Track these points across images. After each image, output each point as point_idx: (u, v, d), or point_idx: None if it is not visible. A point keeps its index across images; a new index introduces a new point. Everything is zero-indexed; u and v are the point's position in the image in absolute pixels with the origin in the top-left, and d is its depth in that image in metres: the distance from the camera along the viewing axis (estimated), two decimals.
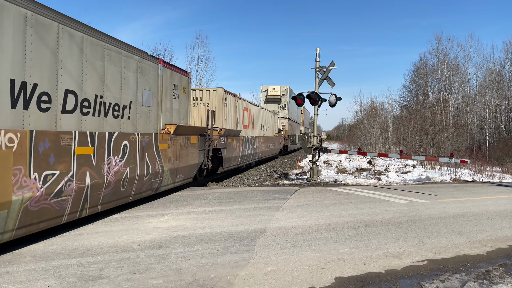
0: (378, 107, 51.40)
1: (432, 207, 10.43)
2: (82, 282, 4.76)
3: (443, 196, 12.41)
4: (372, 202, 11.10)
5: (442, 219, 8.86)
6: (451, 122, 40.23)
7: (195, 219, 8.30)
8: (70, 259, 5.58)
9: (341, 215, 9.04)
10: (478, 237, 7.36)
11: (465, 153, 30.56)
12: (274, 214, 9.00)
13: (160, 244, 6.40)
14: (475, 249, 6.61)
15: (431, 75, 50.28)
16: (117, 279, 4.89)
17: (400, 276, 5.25)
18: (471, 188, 14.99)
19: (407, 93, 57.16)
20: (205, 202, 10.32)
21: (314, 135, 16.64)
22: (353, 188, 14.25)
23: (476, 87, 48.57)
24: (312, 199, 11.31)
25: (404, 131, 36.68)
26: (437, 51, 49.09)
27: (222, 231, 7.30)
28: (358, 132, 49.69)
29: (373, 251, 6.28)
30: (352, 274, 5.27)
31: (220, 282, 4.86)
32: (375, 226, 8.02)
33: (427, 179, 18.35)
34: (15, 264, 5.35)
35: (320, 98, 16.22)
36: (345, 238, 7.06)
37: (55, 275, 4.97)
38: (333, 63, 16.36)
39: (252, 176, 20.10)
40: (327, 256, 5.97)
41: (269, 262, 5.64)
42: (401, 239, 7.09)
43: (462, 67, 48.26)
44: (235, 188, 13.65)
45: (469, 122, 44.98)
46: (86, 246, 6.22)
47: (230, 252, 6.04)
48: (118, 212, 8.78)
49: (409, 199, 11.64)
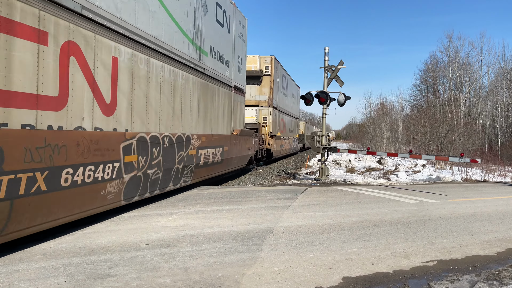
0: (387, 106, 51.05)
1: (442, 207, 10.33)
2: (91, 280, 4.81)
3: (453, 196, 12.29)
4: (381, 201, 11.03)
5: (452, 219, 8.77)
6: (462, 121, 39.80)
7: (203, 218, 8.34)
8: (79, 257, 5.65)
9: (349, 215, 9.00)
10: (489, 238, 7.27)
11: (476, 152, 30.19)
12: (282, 213, 8.99)
13: (168, 243, 6.44)
14: (485, 249, 6.53)
15: (442, 74, 49.81)
16: (126, 277, 4.93)
17: (409, 277, 5.21)
18: (482, 188, 14.82)
19: (417, 92, 56.67)
20: (214, 201, 10.35)
21: (323, 135, 16.59)
22: (362, 187, 14.18)
23: (487, 85, 48.02)
24: (321, 199, 11.28)
25: (414, 131, 36.38)
26: (448, 49, 48.61)
27: (230, 230, 7.31)
28: (367, 131, 49.43)
29: (382, 251, 6.25)
30: (360, 274, 5.24)
31: (227, 281, 4.87)
32: (383, 226, 7.97)
33: (437, 178, 18.17)
34: (25, 262, 5.42)
35: (329, 97, 16.17)
36: (353, 238, 7.03)
37: (64, 273, 5.03)
38: (342, 62, 16.30)
39: (260, 176, 20.10)
40: (335, 256, 5.95)
41: (276, 261, 5.64)
42: (410, 239, 7.04)
43: (474, 65, 47.73)
44: (243, 188, 13.67)
45: (481, 121, 44.41)
46: (96, 244, 6.28)
47: (237, 251, 6.05)
48: (127, 211, 8.86)
49: (419, 199, 11.54)
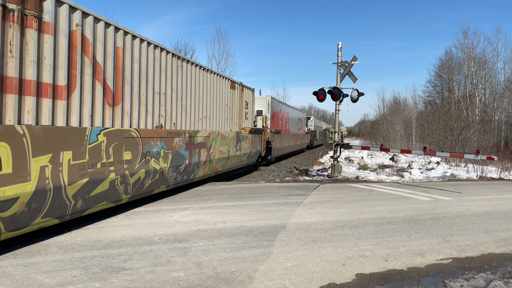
0: (401, 102, 50.33)
1: (456, 204, 10.19)
2: (106, 273, 4.87)
3: (468, 194, 12.11)
4: (394, 199, 10.93)
5: (467, 217, 8.65)
6: (477, 118, 39.12)
7: (215, 213, 8.37)
8: (94, 250, 5.72)
9: (362, 212, 8.94)
10: (505, 236, 7.16)
11: (492, 150, 29.70)
12: (295, 210, 8.98)
13: (181, 237, 6.48)
14: (501, 247, 6.43)
15: (457, 70, 48.91)
16: (140, 271, 4.98)
17: (423, 274, 5.16)
18: (498, 185, 14.58)
19: (432, 88, 55.75)
20: (226, 197, 10.38)
21: (335, 131, 16.49)
22: (375, 184, 14.07)
23: (504, 82, 47.05)
24: (333, 196, 11.22)
25: (428, 127, 35.88)
26: (464, 45, 47.68)
27: (243, 226, 7.33)
28: (380, 128, 48.93)
29: (395, 248, 6.20)
30: (373, 271, 5.21)
31: (240, 276, 4.89)
32: (397, 223, 7.90)
33: (451, 176, 17.93)
34: (42, 254, 5.52)
35: (342, 94, 16.05)
36: (366, 234, 6.99)
37: (80, 265, 5.10)
38: (355, 58, 16.15)
39: (272, 172, 20.08)
40: (348, 253, 5.93)
41: (289, 257, 5.64)
42: (424, 236, 6.96)
43: (490, 61, 46.79)
44: (255, 184, 13.68)
45: (497, 118, 43.61)
46: (110, 238, 6.36)
47: (250, 247, 6.06)
48: (141, 206, 8.94)
49: (433, 196, 11.41)
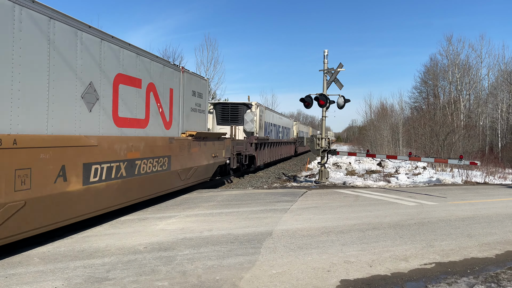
0: (388, 108, 50.84)
1: (441, 209, 10.32)
2: (89, 284, 4.81)
3: (453, 198, 12.27)
4: (380, 204, 11.02)
5: (451, 222, 8.76)
6: (462, 123, 39.73)
7: (202, 221, 8.34)
8: (77, 260, 5.65)
9: (348, 218, 8.99)
10: (488, 240, 7.26)
11: (476, 154, 30.11)
12: (281, 216, 8.99)
13: (166, 246, 6.44)
14: (484, 252, 6.52)
15: (442, 76, 49.67)
16: (123, 280, 4.93)
17: (407, 279, 5.21)
18: (482, 190, 14.80)
19: (418, 94, 56.55)
20: (213, 205, 10.35)
21: (323, 137, 16.59)
22: (362, 190, 14.17)
23: (488, 88, 47.94)
24: (320, 202, 11.27)
25: (415, 133, 36.31)
26: (448, 52, 48.47)
27: (229, 233, 7.31)
28: (368, 134, 49.32)
29: (380, 254, 6.24)
30: (358, 276, 5.24)
31: (225, 284, 4.87)
32: (382, 229, 7.96)
33: (437, 181, 18.16)
34: (23, 265, 5.43)
35: (328, 100, 16.19)
36: (352, 240, 7.03)
37: (62, 276, 5.03)
38: (341, 65, 16.32)
39: (260, 179, 20.09)
40: (333, 259, 5.95)
41: (274, 264, 5.64)
42: (408, 241, 7.03)
43: (474, 68, 47.64)
44: (243, 191, 13.66)
45: (481, 124, 44.33)
46: (94, 248, 6.28)
47: (236, 255, 6.05)
48: (126, 214, 8.86)
49: (418, 202, 11.53)
